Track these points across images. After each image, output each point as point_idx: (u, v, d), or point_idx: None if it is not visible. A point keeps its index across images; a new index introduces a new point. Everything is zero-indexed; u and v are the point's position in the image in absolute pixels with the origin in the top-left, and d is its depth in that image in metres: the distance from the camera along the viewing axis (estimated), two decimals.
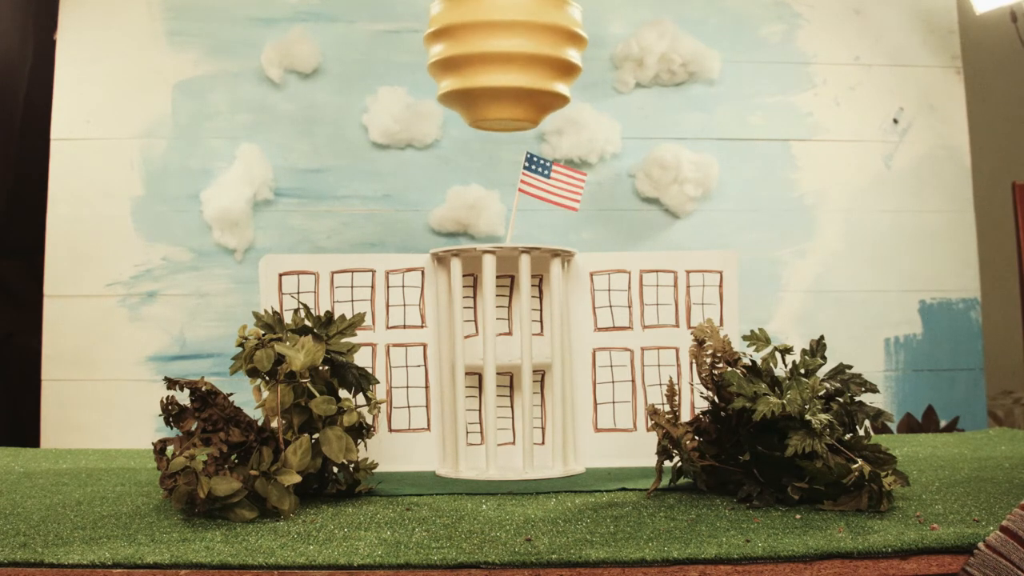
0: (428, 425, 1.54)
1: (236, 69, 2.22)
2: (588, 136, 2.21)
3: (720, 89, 2.30)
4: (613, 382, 1.55)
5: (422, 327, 1.55)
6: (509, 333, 1.55)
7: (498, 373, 1.51)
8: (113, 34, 2.21)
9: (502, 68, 1.50)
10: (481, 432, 1.51)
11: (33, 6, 2.28)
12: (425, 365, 1.55)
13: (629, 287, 1.56)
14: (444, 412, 1.51)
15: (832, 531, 1.02)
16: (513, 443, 1.53)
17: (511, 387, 1.55)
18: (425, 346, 1.55)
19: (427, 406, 1.56)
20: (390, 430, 1.53)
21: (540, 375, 1.53)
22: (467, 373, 1.49)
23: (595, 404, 1.55)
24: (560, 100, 1.59)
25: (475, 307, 1.54)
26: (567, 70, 1.58)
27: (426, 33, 1.60)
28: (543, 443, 1.52)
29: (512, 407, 1.54)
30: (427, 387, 1.55)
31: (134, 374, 2.15)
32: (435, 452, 1.53)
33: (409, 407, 1.56)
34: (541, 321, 1.54)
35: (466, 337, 1.51)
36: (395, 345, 1.55)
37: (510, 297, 1.55)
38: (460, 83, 1.55)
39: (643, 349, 1.56)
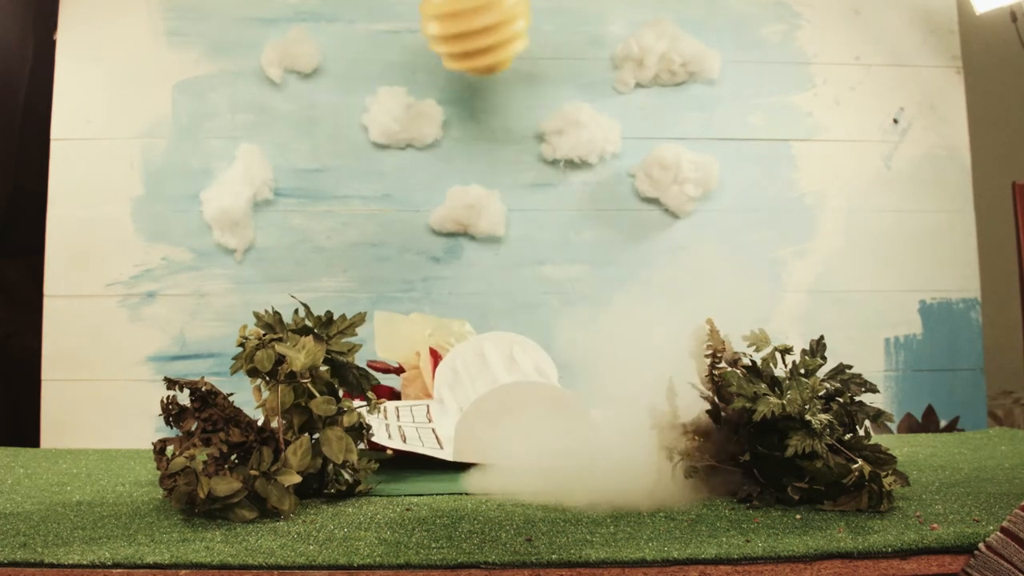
0: None
1: (236, 69, 2.22)
2: (588, 136, 2.20)
3: (720, 89, 2.30)
4: None
5: None
6: None
7: None
8: (113, 34, 2.21)
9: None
10: None
11: (33, 6, 2.28)
12: None
13: None
14: None
15: (832, 531, 1.02)
16: None
17: None
18: None
19: (428, 404, 1.56)
20: None
21: None
22: None
23: None
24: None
25: None
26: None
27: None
28: None
29: None
30: None
31: (134, 374, 2.15)
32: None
33: (411, 405, 1.56)
34: None
35: None
36: None
37: None
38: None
39: None
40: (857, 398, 1.23)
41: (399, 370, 1.69)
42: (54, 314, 2.15)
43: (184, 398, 1.19)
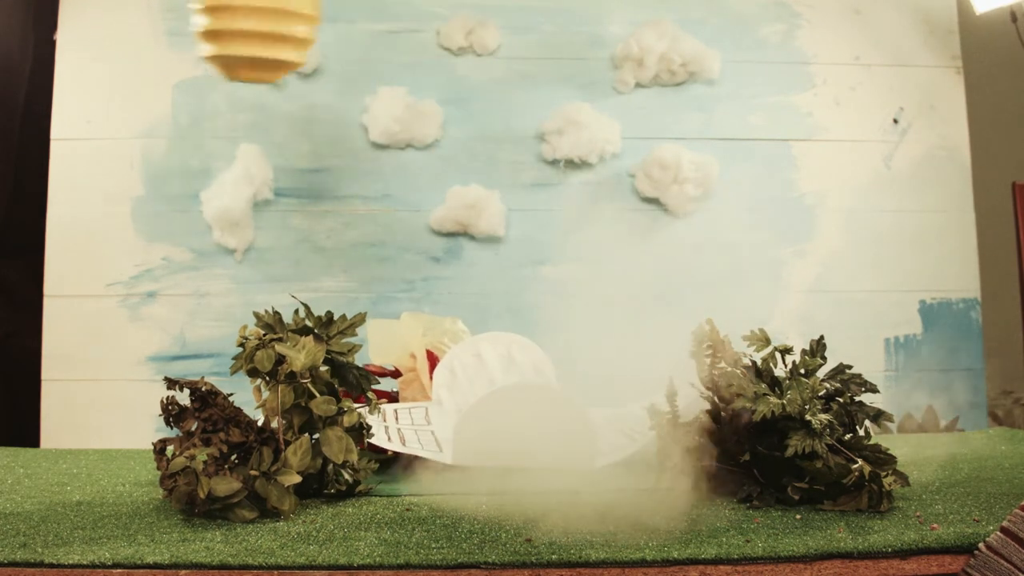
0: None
1: None
2: (588, 136, 2.20)
3: (720, 89, 2.30)
4: None
5: None
6: None
7: None
8: (113, 34, 2.21)
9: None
10: None
11: (33, 6, 2.28)
12: None
13: None
14: None
15: (832, 531, 1.02)
16: None
17: None
18: None
19: (426, 407, 1.55)
20: None
21: None
22: None
23: None
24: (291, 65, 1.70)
25: None
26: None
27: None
28: None
29: None
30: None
31: (134, 374, 2.15)
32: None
33: (409, 408, 1.56)
34: None
35: None
36: None
37: None
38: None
39: None
40: (857, 398, 1.24)
41: (395, 373, 1.69)
42: (54, 314, 2.15)
43: (184, 398, 1.19)
